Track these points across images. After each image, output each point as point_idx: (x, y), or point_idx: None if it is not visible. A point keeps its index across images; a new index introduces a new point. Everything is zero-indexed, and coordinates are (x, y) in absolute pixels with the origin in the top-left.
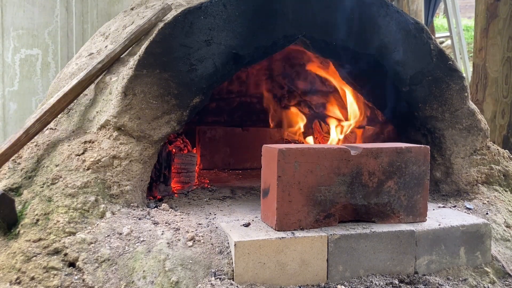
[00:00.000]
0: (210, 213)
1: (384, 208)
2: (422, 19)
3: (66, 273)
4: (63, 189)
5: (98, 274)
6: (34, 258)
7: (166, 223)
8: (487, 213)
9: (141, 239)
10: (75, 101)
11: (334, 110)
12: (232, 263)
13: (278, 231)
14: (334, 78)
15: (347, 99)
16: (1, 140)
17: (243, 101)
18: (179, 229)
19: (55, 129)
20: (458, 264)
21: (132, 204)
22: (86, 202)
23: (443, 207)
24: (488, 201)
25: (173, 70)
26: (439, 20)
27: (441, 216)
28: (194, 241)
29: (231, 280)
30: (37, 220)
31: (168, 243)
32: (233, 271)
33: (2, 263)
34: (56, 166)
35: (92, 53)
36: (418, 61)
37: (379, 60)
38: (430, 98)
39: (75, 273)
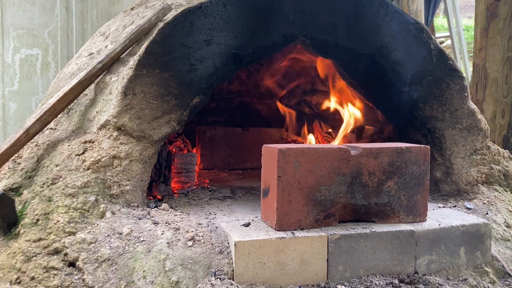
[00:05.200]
0: (210, 213)
1: (384, 208)
2: (422, 19)
3: (66, 273)
4: (63, 189)
5: (98, 274)
6: (34, 258)
7: (166, 223)
8: (487, 213)
9: (141, 239)
10: (75, 101)
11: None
12: (232, 263)
13: (278, 231)
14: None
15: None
16: (1, 140)
17: (243, 101)
18: (179, 229)
19: (55, 129)
20: (458, 264)
21: (132, 204)
22: (86, 202)
23: (443, 207)
24: (488, 201)
25: (173, 70)
26: (439, 20)
27: (441, 216)
28: (194, 241)
29: (231, 280)
30: (37, 220)
31: (168, 243)
32: (233, 271)
33: (2, 263)
34: (56, 166)
35: (92, 53)
36: (418, 61)
37: (379, 60)
38: (430, 98)
39: (75, 273)
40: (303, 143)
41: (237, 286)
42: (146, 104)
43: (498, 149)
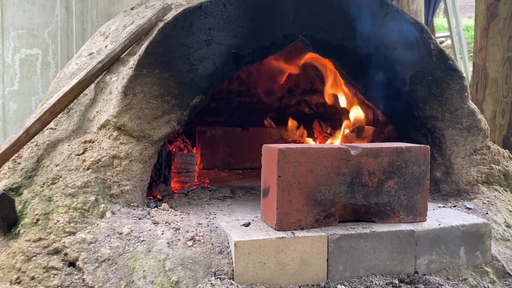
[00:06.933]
0: (210, 213)
1: (384, 208)
2: (422, 19)
3: (66, 273)
4: (63, 189)
5: (98, 274)
6: (34, 258)
7: (166, 223)
8: (487, 213)
9: (141, 239)
10: (75, 101)
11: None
12: (232, 263)
13: (278, 231)
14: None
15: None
16: (1, 140)
17: (243, 101)
18: (179, 229)
19: (55, 128)
20: (458, 264)
21: (132, 204)
22: (86, 202)
23: (443, 207)
24: (488, 201)
25: (173, 70)
26: (439, 20)
27: (441, 216)
28: (194, 241)
29: (231, 280)
30: (37, 220)
31: (168, 242)
32: (233, 271)
33: (2, 263)
34: (56, 166)
35: (92, 53)
36: (418, 61)
37: (379, 60)
38: (430, 98)
39: (75, 273)
40: (303, 143)
41: (237, 286)
42: (146, 104)
43: (498, 149)
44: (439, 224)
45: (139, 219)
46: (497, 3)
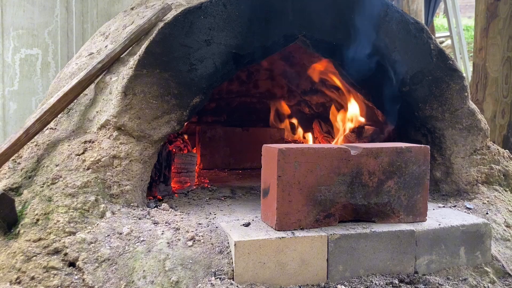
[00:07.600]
0: (210, 213)
1: (384, 208)
2: (422, 19)
3: (66, 273)
4: (63, 189)
5: (98, 274)
6: (34, 258)
7: (166, 223)
8: (487, 213)
9: (141, 239)
10: (75, 101)
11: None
12: (232, 263)
13: (278, 231)
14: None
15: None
16: (1, 140)
17: (243, 101)
18: (179, 229)
19: (55, 128)
20: (458, 264)
21: (132, 204)
22: (86, 202)
23: (443, 207)
24: (488, 201)
25: (173, 70)
26: (439, 20)
27: (441, 216)
28: (194, 241)
29: (231, 280)
30: (37, 220)
31: (168, 242)
32: (233, 271)
33: (2, 263)
34: (56, 166)
35: (92, 53)
36: (418, 61)
37: (379, 60)
38: (430, 98)
39: (75, 273)
40: (303, 143)
41: (237, 286)
42: (146, 104)
43: (498, 149)
44: (439, 224)
45: (139, 219)
46: (497, 3)
